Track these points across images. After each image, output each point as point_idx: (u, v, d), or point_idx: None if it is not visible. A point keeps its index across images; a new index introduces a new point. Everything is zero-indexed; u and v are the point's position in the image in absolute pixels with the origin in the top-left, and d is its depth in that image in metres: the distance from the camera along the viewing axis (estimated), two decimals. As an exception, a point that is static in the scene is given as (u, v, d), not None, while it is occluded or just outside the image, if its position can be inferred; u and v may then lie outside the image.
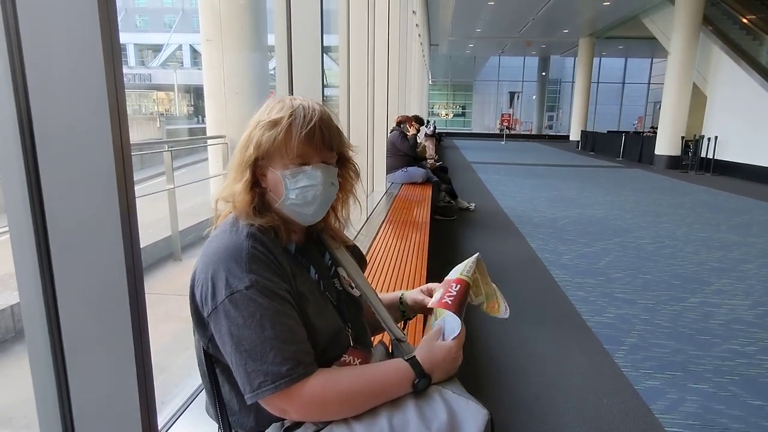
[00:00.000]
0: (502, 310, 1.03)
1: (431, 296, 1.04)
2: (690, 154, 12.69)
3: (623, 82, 32.12)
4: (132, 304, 0.84)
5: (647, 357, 2.66)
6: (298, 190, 0.87)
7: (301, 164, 0.87)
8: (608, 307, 3.37)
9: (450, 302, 0.93)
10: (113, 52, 0.76)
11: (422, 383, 0.84)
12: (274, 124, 0.86)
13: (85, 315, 0.85)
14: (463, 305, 0.94)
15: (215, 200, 0.93)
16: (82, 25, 0.73)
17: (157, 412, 0.95)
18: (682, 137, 12.99)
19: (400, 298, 1.12)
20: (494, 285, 1.05)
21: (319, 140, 0.87)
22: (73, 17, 0.73)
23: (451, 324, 0.91)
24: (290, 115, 0.86)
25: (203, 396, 1.32)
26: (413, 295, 1.11)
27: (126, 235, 0.81)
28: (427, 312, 1.04)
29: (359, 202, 1.02)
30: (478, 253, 1.04)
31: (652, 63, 29.22)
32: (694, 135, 12.80)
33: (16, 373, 2.28)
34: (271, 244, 0.85)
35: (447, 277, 1.02)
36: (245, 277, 0.79)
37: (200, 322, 0.85)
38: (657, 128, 14.56)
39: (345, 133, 0.96)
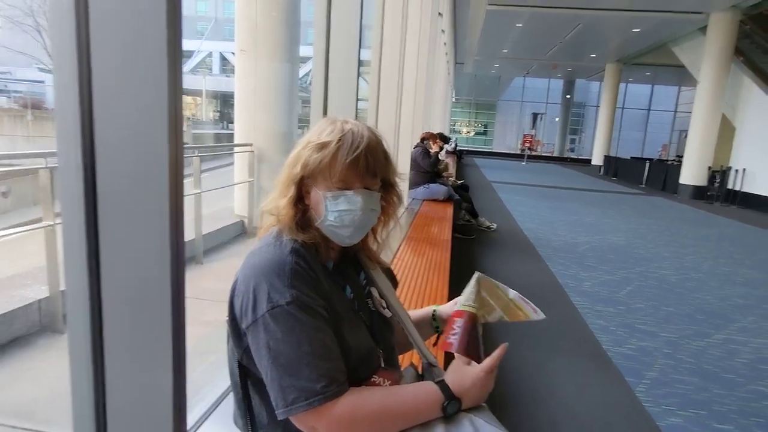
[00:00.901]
0: (530, 313, 1.01)
1: None
2: (716, 185, 12.44)
3: (649, 109, 31.81)
4: (174, 306, 0.85)
5: (670, 393, 2.58)
6: (337, 213, 0.88)
7: (342, 188, 0.88)
8: (629, 338, 3.30)
9: (454, 342, 0.91)
10: (176, 62, 0.79)
11: (452, 406, 0.84)
12: (323, 146, 0.88)
13: (127, 314, 0.86)
14: (473, 338, 0.92)
15: (261, 212, 0.94)
16: (150, 32, 0.76)
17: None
18: (709, 167, 12.74)
19: (433, 313, 1.12)
20: (511, 291, 1.02)
21: (363, 167, 0.88)
22: (142, 24, 0.76)
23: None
24: (339, 140, 0.87)
25: (225, 404, 1.34)
26: (447, 309, 1.10)
27: (173, 238, 0.82)
28: None
29: (401, 226, 1.02)
30: (477, 273, 1.01)
31: (679, 91, 28.90)
32: (721, 166, 12.56)
33: (39, 366, 2.32)
34: (313, 260, 0.86)
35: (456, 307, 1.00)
36: (287, 292, 0.80)
37: (237, 333, 0.86)
38: (682, 157, 14.33)
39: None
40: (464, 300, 0.97)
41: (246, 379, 0.89)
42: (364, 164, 0.88)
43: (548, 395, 2.50)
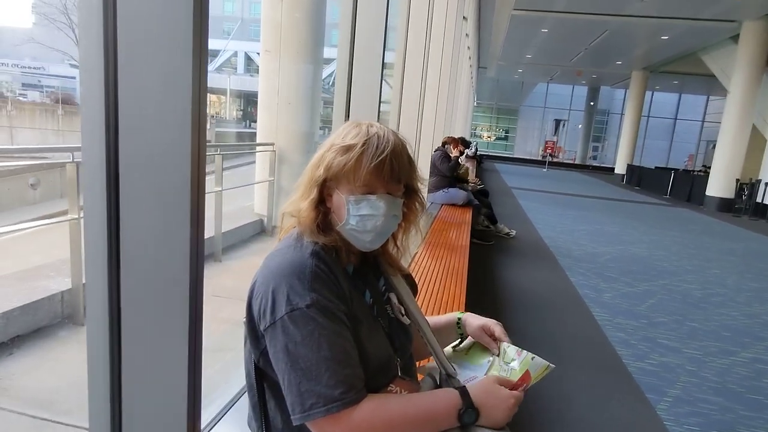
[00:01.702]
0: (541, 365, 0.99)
1: (492, 335, 1.03)
2: (744, 198, 12.09)
3: (675, 118, 31.14)
4: (191, 303, 0.84)
5: (693, 412, 2.50)
6: (358, 217, 0.87)
7: (366, 193, 0.87)
8: (651, 353, 3.21)
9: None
10: (201, 62, 0.79)
11: (469, 414, 0.82)
12: (347, 149, 0.86)
13: (145, 310, 0.86)
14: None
15: (281, 214, 0.93)
16: (176, 30, 0.76)
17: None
18: (737, 180, 12.40)
19: (458, 321, 1.09)
20: (527, 355, 1.01)
21: (388, 172, 0.87)
22: (169, 24, 0.76)
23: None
24: (364, 144, 0.86)
25: (239, 406, 1.33)
26: (473, 321, 1.07)
27: (193, 235, 0.82)
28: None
29: (420, 232, 1.00)
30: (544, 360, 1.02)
31: (708, 100, 28.23)
32: (750, 178, 12.21)
33: (61, 357, 2.36)
34: (334, 264, 0.85)
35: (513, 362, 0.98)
36: (307, 295, 0.78)
37: (255, 335, 0.85)
38: (709, 167, 13.97)
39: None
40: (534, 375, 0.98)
41: (262, 382, 0.89)
42: (389, 169, 0.86)
43: (565, 408, 2.44)
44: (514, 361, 0.97)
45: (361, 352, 0.83)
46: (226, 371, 1.55)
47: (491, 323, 1.05)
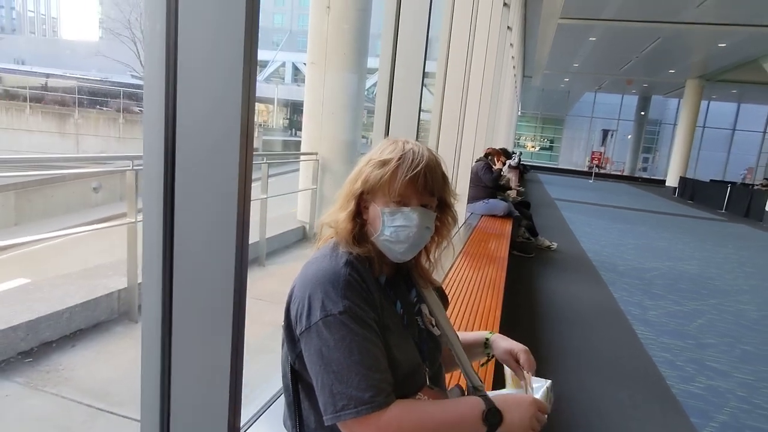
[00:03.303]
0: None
1: (517, 360, 1.06)
2: (810, 215, 11.28)
3: (734, 129, 29.46)
4: (235, 307, 0.91)
5: (741, 440, 2.38)
6: (393, 228, 0.91)
7: (400, 204, 0.91)
8: (698, 375, 3.07)
9: None
10: (251, 71, 0.86)
11: (493, 414, 0.85)
12: (384, 163, 0.91)
13: (195, 311, 0.94)
14: None
15: (320, 224, 0.99)
16: (230, 42, 0.83)
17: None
18: (802, 195, 11.60)
19: (486, 341, 1.12)
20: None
21: (422, 185, 0.91)
22: (223, 44, 0.84)
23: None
24: (399, 158, 0.91)
25: (277, 405, 1.40)
26: (500, 342, 1.10)
27: (239, 242, 0.89)
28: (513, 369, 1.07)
29: (453, 246, 1.04)
30: (550, 382, 1.02)
31: (771, 110, 26.60)
32: (817, 194, 11.39)
33: (116, 351, 2.53)
34: (366, 273, 0.90)
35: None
36: (340, 302, 0.83)
37: (291, 338, 0.91)
38: (771, 182, 13.15)
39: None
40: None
41: (297, 384, 0.94)
42: (423, 182, 0.91)
43: (602, 427, 2.38)
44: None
45: (389, 359, 0.87)
46: (266, 372, 1.63)
47: (518, 349, 1.07)
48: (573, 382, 2.79)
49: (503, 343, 1.09)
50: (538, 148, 34.72)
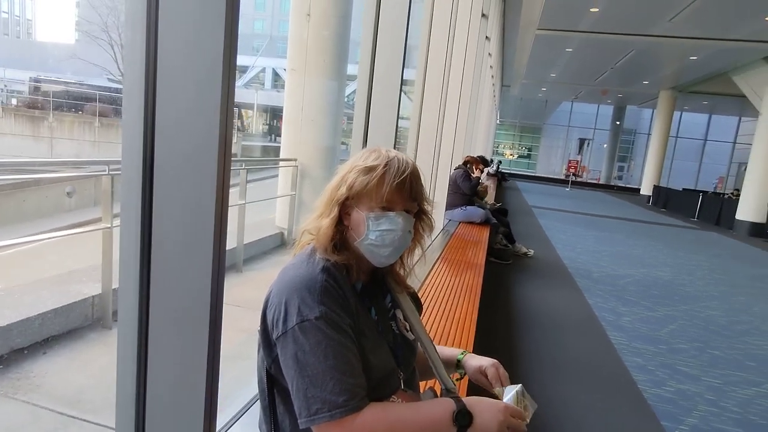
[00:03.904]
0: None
1: (485, 376, 1.08)
2: (776, 223, 11.72)
3: (705, 139, 30.44)
4: (212, 313, 0.92)
5: (709, 441, 2.46)
6: (378, 233, 0.94)
7: (385, 209, 0.94)
8: (668, 380, 3.16)
9: None
10: (230, 78, 0.87)
11: (463, 415, 0.87)
12: (369, 170, 0.94)
13: (171, 316, 0.94)
14: None
15: (301, 231, 1.01)
16: (209, 49, 0.85)
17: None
18: (769, 204, 12.05)
19: (459, 360, 1.14)
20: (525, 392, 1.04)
21: (408, 191, 0.95)
22: (202, 43, 0.85)
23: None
24: (385, 165, 0.94)
25: (253, 410, 1.40)
26: (472, 362, 1.12)
27: (216, 243, 0.89)
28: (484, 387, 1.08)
29: (424, 254, 1.07)
30: (521, 386, 1.03)
31: (739, 122, 27.55)
32: (783, 203, 11.84)
33: (89, 358, 2.48)
34: (342, 280, 0.92)
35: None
36: (316, 307, 0.85)
37: (268, 343, 0.92)
38: (740, 190, 13.60)
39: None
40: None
41: (273, 388, 0.95)
42: (409, 188, 0.95)
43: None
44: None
45: (364, 363, 0.89)
46: (242, 377, 1.63)
47: (487, 364, 1.10)
48: (547, 388, 2.84)
49: (473, 362, 1.11)
50: (516, 156, 35.25)
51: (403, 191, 0.94)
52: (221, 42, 0.85)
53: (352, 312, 0.90)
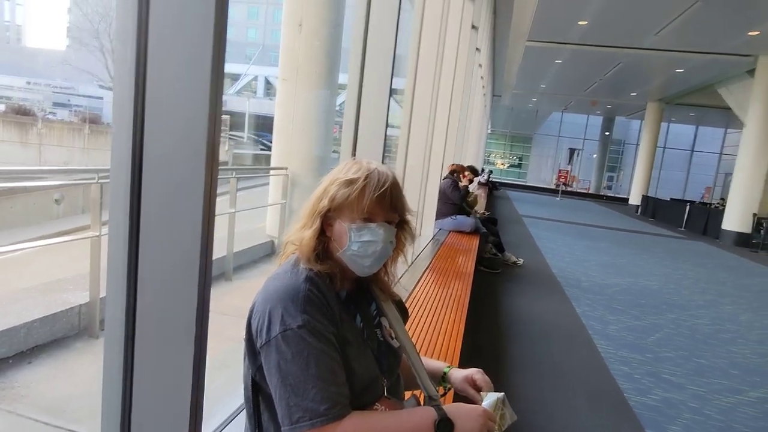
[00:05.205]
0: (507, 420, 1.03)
1: (476, 387, 1.09)
2: (762, 233, 11.90)
3: (692, 150, 30.93)
4: (198, 321, 0.92)
5: (692, 449, 2.49)
6: (360, 243, 0.96)
7: (367, 221, 0.96)
8: (654, 388, 3.19)
9: None
10: (218, 88, 0.89)
11: (444, 424, 0.89)
12: (350, 182, 0.96)
13: (158, 324, 0.95)
14: None
15: (284, 242, 1.03)
16: (198, 58, 0.86)
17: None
18: (754, 214, 12.23)
19: (445, 374, 1.15)
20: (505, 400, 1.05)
21: (388, 203, 0.97)
22: (191, 51, 0.87)
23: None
24: (366, 177, 0.96)
25: (238, 420, 1.40)
26: (458, 375, 1.13)
27: (203, 251, 0.90)
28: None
29: (407, 261, 1.09)
30: (503, 394, 1.04)
31: (726, 133, 28.05)
32: (768, 213, 12.05)
33: (75, 368, 2.46)
34: (326, 289, 0.94)
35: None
36: (299, 316, 0.87)
37: (252, 351, 0.93)
38: (726, 200, 13.84)
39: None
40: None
41: (258, 396, 0.96)
42: (389, 200, 0.97)
43: (563, 439, 2.45)
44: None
45: (348, 371, 0.91)
46: (230, 386, 1.63)
47: (473, 371, 1.12)
48: (534, 396, 2.86)
49: (459, 374, 1.13)
50: (507, 166, 35.53)
51: (383, 203, 0.96)
52: (209, 51, 0.86)
53: (336, 320, 0.92)
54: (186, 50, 0.88)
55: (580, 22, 11.03)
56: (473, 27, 6.59)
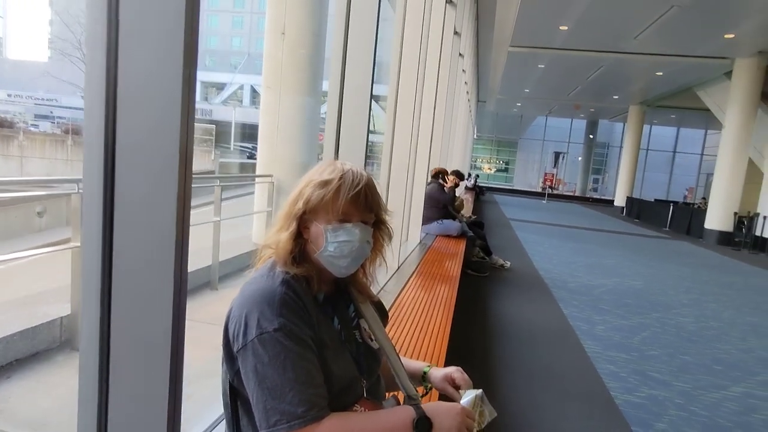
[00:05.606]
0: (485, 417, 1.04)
1: (455, 385, 1.10)
2: (743, 232, 12.13)
3: (674, 151, 31.48)
4: (174, 331, 0.92)
5: (678, 445, 2.52)
6: (336, 244, 0.96)
7: (342, 221, 0.97)
8: (640, 386, 3.22)
9: None
10: (189, 95, 0.89)
11: (422, 422, 0.90)
12: (325, 184, 0.97)
13: (133, 334, 0.94)
14: None
15: (261, 246, 1.03)
16: (169, 67, 0.86)
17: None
18: (735, 213, 12.47)
19: (424, 374, 1.16)
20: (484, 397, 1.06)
21: (363, 203, 0.97)
22: (162, 61, 0.87)
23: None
24: (340, 178, 0.97)
25: (221, 429, 1.39)
26: (438, 374, 1.14)
27: (177, 261, 0.90)
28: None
29: (386, 262, 1.09)
30: (481, 390, 1.05)
31: (706, 134, 28.61)
32: (749, 212, 12.28)
33: (55, 380, 2.42)
34: (302, 292, 0.94)
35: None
36: (275, 320, 0.87)
37: (230, 356, 0.93)
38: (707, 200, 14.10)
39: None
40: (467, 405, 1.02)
41: (236, 400, 0.96)
42: (364, 200, 0.97)
43: (550, 439, 2.46)
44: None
45: (326, 373, 0.91)
46: (211, 396, 1.61)
47: (452, 370, 1.13)
48: (521, 397, 2.87)
49: (439, 373, 1.14)
50: (494, 170, 35.81)
51: (358, 203, 0.97)
52: (180, 60, 0.86)
53: (313, 323, 0.92)
54: (157, 55, 0.88)
55: (561, 27, 11.20)
56: (456, 33, 6.66)
